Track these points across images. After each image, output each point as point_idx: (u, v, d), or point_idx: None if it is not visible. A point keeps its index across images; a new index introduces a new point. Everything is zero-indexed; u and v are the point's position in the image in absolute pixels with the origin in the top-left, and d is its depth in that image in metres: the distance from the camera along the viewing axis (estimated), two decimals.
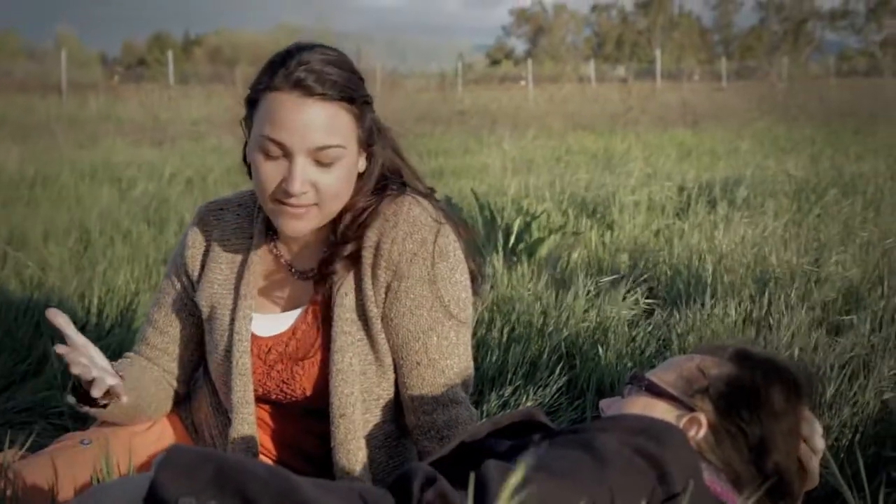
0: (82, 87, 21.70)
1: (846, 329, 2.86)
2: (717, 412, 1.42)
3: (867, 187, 5.84)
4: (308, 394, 1.70)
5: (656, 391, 1.47)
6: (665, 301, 3.41)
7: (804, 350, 2.58)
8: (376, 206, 1.66)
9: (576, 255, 4.09)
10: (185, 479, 1.05)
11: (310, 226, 1.62)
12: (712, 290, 3.29)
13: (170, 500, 1.05)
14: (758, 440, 1.40)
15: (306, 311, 1.71)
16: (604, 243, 4.46)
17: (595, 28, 70.09)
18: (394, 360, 1.68)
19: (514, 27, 73.94)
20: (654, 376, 1.50)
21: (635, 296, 3.30)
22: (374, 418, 1.69)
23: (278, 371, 1.71)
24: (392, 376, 1.69)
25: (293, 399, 1.73)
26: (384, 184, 1.69)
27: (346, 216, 1.65)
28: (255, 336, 1.72)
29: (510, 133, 12.03)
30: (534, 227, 4.27)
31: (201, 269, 1.78)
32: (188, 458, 1.08)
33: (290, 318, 1.72)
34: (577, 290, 3.19)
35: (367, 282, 1.65)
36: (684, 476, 1.25)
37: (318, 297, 1.70)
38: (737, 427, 1.40)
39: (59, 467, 1.65)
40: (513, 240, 4.16)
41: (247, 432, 1.69)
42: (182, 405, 1.89)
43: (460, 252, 1.70)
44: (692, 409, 1.43)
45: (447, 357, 1.66)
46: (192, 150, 10.28)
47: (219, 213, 1.79)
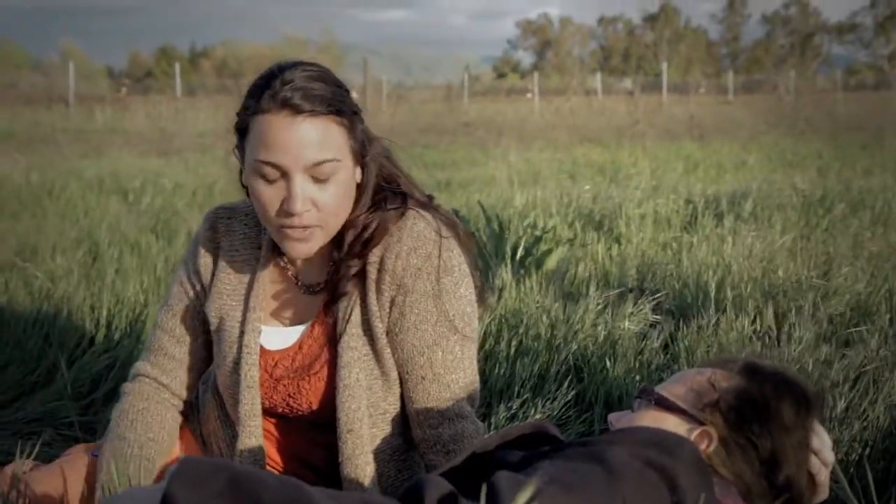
0: (89, 99, 21.76)
1: (855, 343, 2.86)
2: (727, 426, 1.41)
3: (875, 202, 5.82)
4: (314, 408, 1.70)
5: (666, 405, 1.46)
6: (673, 314, 3.40)
7: (815, 363, 2.57)
8: (381, 223, 1.65)
9: (583, 268, 4.08)
10: (197, 490, 1.05)
11: (315, 247, 1.62)
12: (720, 304, 3.28)
13: None
14: (768, 453, 1.39)
15: (312, 327, 1.71)
16: (611, 256, 4.46)
17: (601, 41, 70.29)
18: (399, 374, 1.68)
19: (521, 40, 74.20)
20: (663, 390, 1.50)
21: (643, 309, 3.30)
22: (382, 432, 1.69)
23: (284, 385, 1.71)
24: (398, 390, 1.69)
25: (299, 413, 1.72)
26: (383, 195, 1.68)
27: (349, 233, 1.65)
28: (264, 349, 1.72)
29: (516, 145, 12.04)
30: (542, 239, 4.26)
31: (211, 279, 1.78)
32: (200, 469, 1.08)
33: (296, 332, 1.72)
34: (588, 303, 3.19)
35: (372, 297, 1.65)
36: (696, 489, 1.25)
37: (324, 313, 1.70)
38: (747, 440, 1.40)
39: (69, 478, 1.66)
40: (521, 252, 4.15)
41: (254, 444, 1.69)
42: (192, 416, 1.88)
43: (465, 266, 1.70)
44: (702, 423, 1.42)
45: (452, 372, 1.66)
46: (198, 161, 10.30)
47: (227, 221, 1.79)
